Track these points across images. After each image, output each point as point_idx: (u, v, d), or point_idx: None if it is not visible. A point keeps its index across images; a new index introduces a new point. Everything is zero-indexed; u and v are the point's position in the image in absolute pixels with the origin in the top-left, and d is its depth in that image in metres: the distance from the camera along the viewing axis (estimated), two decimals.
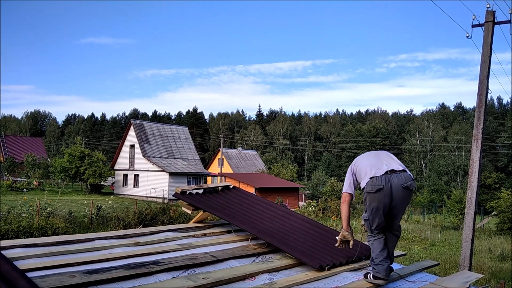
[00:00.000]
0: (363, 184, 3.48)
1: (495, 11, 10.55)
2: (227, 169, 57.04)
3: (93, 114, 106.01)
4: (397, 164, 3.50)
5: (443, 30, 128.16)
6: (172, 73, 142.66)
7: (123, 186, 42.56)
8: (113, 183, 45.42)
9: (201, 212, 4.78)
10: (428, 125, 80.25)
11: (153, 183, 38.83)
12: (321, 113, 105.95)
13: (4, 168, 45.11)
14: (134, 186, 41.32)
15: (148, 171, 40.08)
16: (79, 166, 38.20)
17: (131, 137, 42.84)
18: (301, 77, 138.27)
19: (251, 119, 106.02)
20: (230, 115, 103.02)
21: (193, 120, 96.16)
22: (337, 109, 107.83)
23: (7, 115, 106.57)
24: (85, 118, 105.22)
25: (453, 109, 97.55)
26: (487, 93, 10.35)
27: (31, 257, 3.12)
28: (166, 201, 29.45)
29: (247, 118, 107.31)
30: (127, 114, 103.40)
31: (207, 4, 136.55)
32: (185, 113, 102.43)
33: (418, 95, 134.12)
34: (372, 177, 3.39)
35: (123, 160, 43.32)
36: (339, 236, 3.64)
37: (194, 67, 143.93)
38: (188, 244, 3.88)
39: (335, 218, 30.94)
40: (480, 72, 10.53)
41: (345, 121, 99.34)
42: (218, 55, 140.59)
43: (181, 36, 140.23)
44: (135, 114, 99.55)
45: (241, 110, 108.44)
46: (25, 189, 33.85)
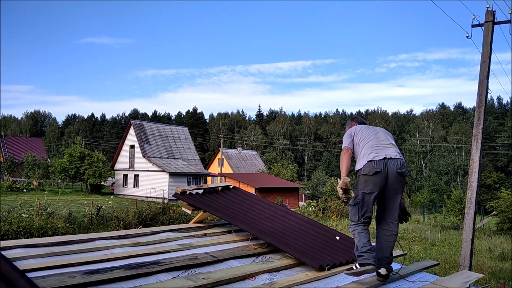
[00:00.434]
0: (358, 166, 3.48)
1: (495, 11, 10.58)
2: (227, 169, 57.02)
3: (93, 114, 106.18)
4: (394, 151, 3.52)
5: (443, 30, 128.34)
6: (172, 73, 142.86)
7: (123, 186, 42.57)
8: (113, 183, 45.42)
9: (201, 212, 4.78)
10: (428, 125, 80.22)
11: (153, 183, 38.84)
12: (321, 113, 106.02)
13: (4, 169, 45.07)
14: (134, 186, 41.34)
15: (148, 171, 40.09)
16: (79, 167, 38.21)
17: (131, 137, 42.86)
18: (301, 77, 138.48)
19: (251, 119, 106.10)
20: (230, 115, 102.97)
21: (193, 120, 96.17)
22: (337, 109, 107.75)
23: (7, 115, 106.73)
24: (85, 118, 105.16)
25: (453, 109, 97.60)
26: (487, 93, 10.36)
27: (31, 258, 3.12)
28: (166, 201, 29.49)
29: (247, 118, 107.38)
30: (127, 114, 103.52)
31: (207, 4, 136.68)
32: (185, 113, 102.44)
33: (418, 95, 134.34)
34: (370, 160, 3.41)
35: (123, 160, 43.33)
36: (340, 184, 3.29)
37: (194, 67, 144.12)
38: (188, 244, 3.88)
39: (335, 218, 30.97)
40: (480, 72, 10.54)
41: (345, 121, 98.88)
42: (218, 55, 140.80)
43: (181, 36, 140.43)
44: (135, 114, 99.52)
45: (241, 110, 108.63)
46: (25, 190, 33.79)
